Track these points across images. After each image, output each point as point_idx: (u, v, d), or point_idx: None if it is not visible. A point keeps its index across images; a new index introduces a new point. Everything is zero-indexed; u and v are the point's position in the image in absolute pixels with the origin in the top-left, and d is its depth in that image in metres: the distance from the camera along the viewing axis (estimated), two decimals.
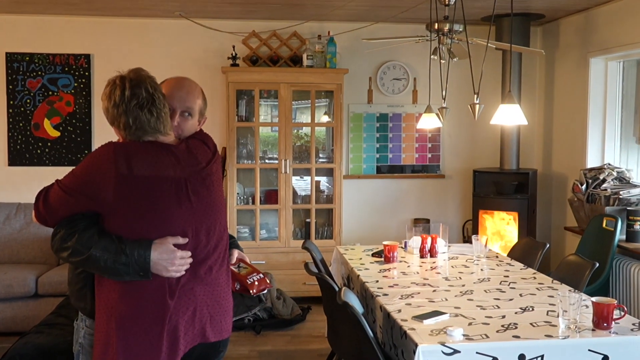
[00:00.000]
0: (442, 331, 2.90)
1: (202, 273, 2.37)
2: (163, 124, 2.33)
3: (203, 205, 2.39)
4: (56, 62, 6.32)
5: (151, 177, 2.25)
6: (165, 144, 2.35)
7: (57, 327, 4.16)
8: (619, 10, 5.52)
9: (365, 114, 6.78)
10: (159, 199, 2.27)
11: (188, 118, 2.51)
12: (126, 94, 2.25)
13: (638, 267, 4.92)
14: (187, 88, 2.54)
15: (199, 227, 2.37)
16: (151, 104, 2.28)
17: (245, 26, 6.38)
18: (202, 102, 2.57)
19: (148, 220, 2.27)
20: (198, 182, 2.38)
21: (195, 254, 2.36)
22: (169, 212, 2.29)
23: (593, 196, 5.47)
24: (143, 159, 2.27)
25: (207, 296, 2.39)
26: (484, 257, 4.50)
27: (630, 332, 2.92)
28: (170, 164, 2.32)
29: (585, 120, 5.96)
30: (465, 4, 4.23)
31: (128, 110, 2.26)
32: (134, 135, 2.30)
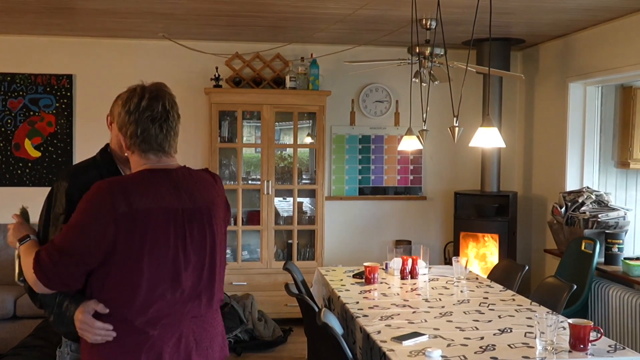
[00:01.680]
0: (421, 352, 2.91)
1: (187, 310, 2.22)
2: (169, 143, 2.25)
3: (199, 242, 2.23)
4: (38, 82, 6.31)
5: (151, 209, 2.12)
6: (163, 169, 2.24)
7: (35, 349, 4.13)
8: (597, 37, 5.62)
9: (347, 136, 6.82)
10: (157, 233, 2.13)
11: None
12: (142, 104, 2.19)
13: (616, 290, 4.97)
14: None
15: (194, 264, 2.21)
16: (163, 120, 2.22)
17: (229, 48, 6.42)
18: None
19: (145, 259, 2.11)
20: (196, 215, 2.23)
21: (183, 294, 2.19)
22: (165, 249, 2.15)
23: (572, 219, 5.52)
24: (142, 189, 2.15)
25: (194, 324, 2.25)
26: (464, 279, 4.52)
27: (607, 353, 2.94)
28: (167, 192, 2.19)
29: (565, 144, 6.03)
30: (445, 28, 4.30)
31: (139, 120, 2.19)
32: (136, 146, 2.22)
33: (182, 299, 2.19)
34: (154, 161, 2.24)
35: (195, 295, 2.23)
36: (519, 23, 5.58)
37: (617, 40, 5.33)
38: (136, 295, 2.11)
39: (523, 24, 5.63)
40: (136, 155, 2.24)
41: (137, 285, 2.11)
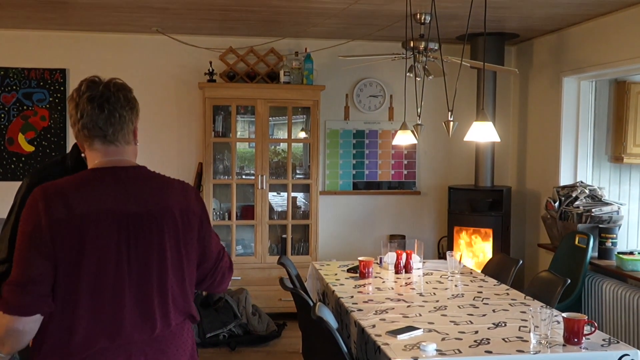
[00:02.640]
0: (416, 346, 2.92)
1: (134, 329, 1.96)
2: (115, 129, 2.02)
3: (144, 253, 1.98)
4: (31, 76, 6.28)
5: (92, 213, 1.91)
6: (111, 167, 2.02)
7: None
8: (590, 31, 5.62)
9: (341, 131, 6.82)
10: (98, 240, 1.91)
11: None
12: (82, 88, 2.03)
13: (609, 284, 4.99)
14: None
15: (139, 277, 1.97)
16: (104, 100, 2.00)
17: (223, 42, 6.40)
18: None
19: (83, 270, 1.89)
20: (144, 221, 1.98)
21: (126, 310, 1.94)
22: (106, 258, 1.92)
23: (566, 214, 5.54)
24: (83, 192, 1.94)
25: (147, 346, 1.99)
26: (458, 273, 4.53)
27: (601, 347, 2.95)
28: (112, 194, 1.97)
29: (559, 138, 6.04)
30: (440, 22, 4.29)
31: (79, 104, 2.00)
32: (81, 135, 2.03)
33: (127, 317, 1.94)
34: (102, 152, 2.03)
35: (143, 313, 1.96)
36: (513, 18, 5.58)
37: (610, 35, 5.34)
38: (77, 309, 1.89)
39: (517, 19, 5.64)
40: (86, 149, 2.06)
41: (77, 299, 1.89)
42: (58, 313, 1.90)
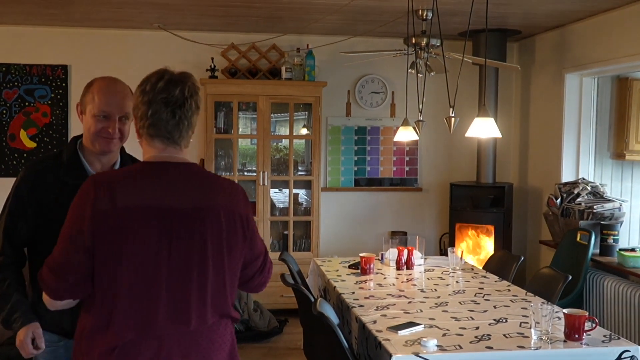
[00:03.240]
0: (417, 342, 2.92)
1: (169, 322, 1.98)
2: (181, 134, 2.06)
3: (186, 249, 1.99)
4: (33, 73, 6.28)
5: (136, 207, 1.94)
6: (163, 162, 2.05)
7: None
8: (592, 28, 5.61)
9: (343, 127, 6.81)
10: (139, 235, 1.94)
11: (126, 123, 2.50)
12: (159, 85, 2.02)
13: (611, 281, 4.99)
14: (122, 93, 2.50)
15: (179, 272, 1.98)
16: (178, 106, 2.03)
17: (225, 38, 6.40)
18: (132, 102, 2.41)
19: (124, 262, 1.93)
20: (187, 218, 1.99)
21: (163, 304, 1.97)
22: (146, 253, 1.95)
23: (567, 210, 5.53)
24: (131, 185, 1.98)
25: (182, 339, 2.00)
26: (460, 270, 4.53)
27: (601, 343, 2.96)
28: (159, 189, 1.99)
29: (560, 135, 6.03)
30: (442, 19, 4.29)
31: (152, 101, 2.01)
32: (144, 130, 2.03)
33: (161, 312, 1.96)
34: (160, 149, 2.05)
35: (179, 309, 1.98)
36: (515, 14, 5.57)
37: (613, 31, 5.33)
38: (115, 299, 1.94)
39: (519, 15, 5.62)
40: (144, 142, 2.07)
41: (115, 291, 1.93)
42: (98, 303, 1.96)
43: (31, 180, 2.50)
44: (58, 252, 1.99)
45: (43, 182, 2.48)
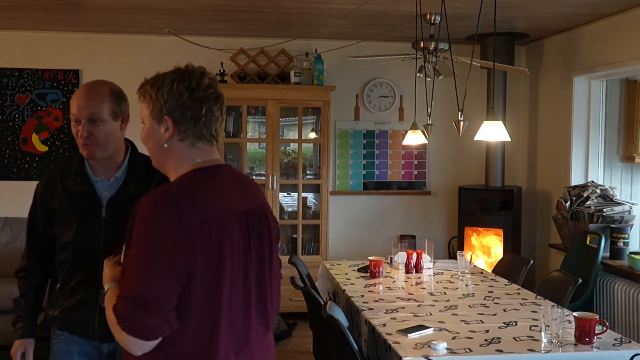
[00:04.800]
0: (426, 345, 2.93)
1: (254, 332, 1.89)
2: (220, 133, 1.94)
3: (260, 251, 1.91)
4: (45, 77, 6.33)
5: (222, 216, 1.79)
6: (218, 165, 1.91)
7: (41, 340, 4.14)
8: (601, 30, 5.61)
9: (352, 131, 6.83)
10: (231, 245, 1.80)
11: (99, 124, 2.39)
12: (205, 81, 1.89)
13: (621, 284, 4.97)
14: (89, 94, 2.41)
15: (257, 277, 1.90)
16: (222, 103, 1.93)
17: (234, 43, 6.43)
18: (112, 104, 2.42)
19: (223, 279, 1.77)
20: (257, 218, 1.92)
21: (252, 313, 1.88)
22: (239, 263, 1.83)
23: (577, 213, 5.53)
24: (210, 194, 1.81)
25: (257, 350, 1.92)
26: (469, 273, 4.53)
27: (612, 346, 2.96)
28: (227, 191, 1.87)
29: (569, 138, 6.03)
30: (450, 22, 4.30)
31: (204, 98, 1.86)
32: (192, 131, 1.86)
33: (253, 325, 1.87)
34: (205, 152, 1.90)
35: (262, 316, 1.91)
36: (522, 17, 5.58)
37: (621, 34, 5.33)
38: (218, 322, 1.76)
39: (527, 19, 5.63)
40: (182, 146, 1.87)
41: (216, 312, 1.76)
42: (190, 330, 1.73)
43: (42, 186, 2.56)
44: (142, 281, 1.68)
45: (53, 188, 2.52)
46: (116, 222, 2.37)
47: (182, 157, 1.88)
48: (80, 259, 2.45)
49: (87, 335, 2.50)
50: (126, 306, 1.68)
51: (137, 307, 1.67)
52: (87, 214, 2.45)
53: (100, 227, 2.44)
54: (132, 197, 2.37)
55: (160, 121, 1.87)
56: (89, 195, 2.47)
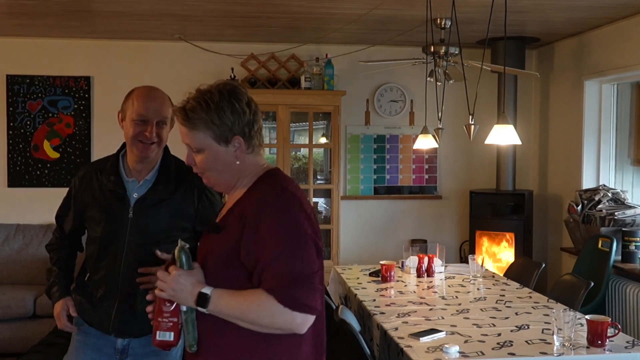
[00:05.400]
0: (439, 348, 2.93)
1: None
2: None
3: None
4: (56, 84, 6.38)
5: (312, 209, 2.01)
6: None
7: (55, 346, 4.17)
8: (611, 34, 5.60)
9: (362, 136, 6.84)
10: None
11: (164, 128, 2.58)
12: (250, 97, 2.02)
13: (633, 288, 4.95)
14: (160, 99, 2.58)
15: None
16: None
17: (244, 49, 6.46)
18: (171, 110, 2.56)
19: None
20: None
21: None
22: None
23: (588, 217, 5.51)
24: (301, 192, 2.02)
25: None
26: (481, 277, 4.53)
27: (625, 349, 2.95)
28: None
29: (581, 142, 6.02)
30: (460, 27, 4.31)
31: (257, 109, 2.01)
32: (258, 141, 2.02)
33: None
34: (262, 157, 2.09)
35: None
36: (533, 21, 5.58)
37: (631, 38, 5.32)
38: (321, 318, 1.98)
39: (537, 23, 5.63)
40: (252, 154, 2.02)
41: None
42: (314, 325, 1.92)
43: (79, 179, 2.71)
44: (308, 260, 1.87)
45: (88, 184, 2.66)
46: (141, 222, 2.55)
47: (251, 167, 2.01)
48: (106, 254, 2.59)
49: (103, 329, 2.62)
50: (296, 286, 1.82)
51: (307, 284, 1.83)
52: (115, 212, 2.57)
53: (126, 226, 2.56)
54: (159, 200, 2.56)
55: (228, 142, 1.96)
56: (119, 194, 2.59)
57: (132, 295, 2.56)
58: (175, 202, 2.59)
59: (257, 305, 1.83)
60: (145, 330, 2.56)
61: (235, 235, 1.89)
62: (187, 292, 1.88)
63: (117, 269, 2.56)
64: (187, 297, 1.89)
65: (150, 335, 2.31)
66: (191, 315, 1.93)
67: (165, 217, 2.57)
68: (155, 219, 2.56)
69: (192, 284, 1.89)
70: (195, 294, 1.88)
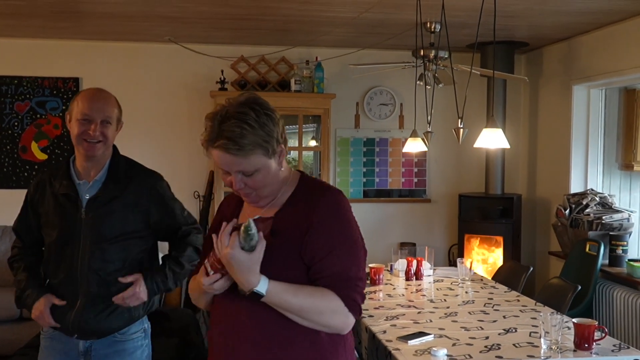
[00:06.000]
0: (427, 351, 2.94)
1: None
2: None
3: None
4: (45, 85, 6.35)
5: None
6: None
7: None
8: (600, 39, 5.64)
9: (352, 139, 6.84)
10: None
11: (109, 127, 2.61)
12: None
13: (621, 291, 4.98)
14: (104, 99, 2.64)
15: None
16: None
17: (234, 51, 6.45)
18: (118, 111, 2.66)
19: None
20: None
21: None
22: None
23: (576, 221, 5.54)
24: None
25: None
26: (469, 280, 4.54)
27: (611, 352, 2.97)
28: None
29: (569, 146, 6.05)
30: (450, 31, 4.32)
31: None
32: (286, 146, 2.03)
33: None
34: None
35: None
36: (522, 26, 5.61)
37: (620, 43, 5.35)
38: None
39: (527, 27, 5.66)
40: (284, 161, 2.03)
41: None
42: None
43: (33, 188, 2.76)
44: (363, 268, 1.96)
45: (42, 191, 2.70)
46: (95, 222, 2.58)
47: (286, 170, 2.04)
48: (62, 257, 2.61)
49: (66, 331, 2.64)
50: (355, 289, 1.90)
51: (361, 287, 1.92)
52: (69, 214, 2.61)
53: (80, 227, 2.59)
54: (111, 198, 2.60)
55: (274, 153, 1.93)
56: (71, 197, 2.62)
57: (92, 295, 2.58)
58: (127, 199, 2.62)
59: (323, 305, 1.87)
60: (107, 331, 2.61)
61: (297, 237, 1.89)
62: (238, 277, 1.84)
63: (75, 271, 2.58)
64: (238, 279, 1.85)
65: (111, 337, 2.59)
66: None
67: (118, 214, 2.61)
68: (109, 217, 2.60)
69: (242, 272, 1.83)
70: (247, 286, 1.83)
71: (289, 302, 1.85)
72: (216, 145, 1.85)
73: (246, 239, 1.81)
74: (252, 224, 1.81)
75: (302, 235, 1.89)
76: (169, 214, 2.74)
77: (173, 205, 2.76)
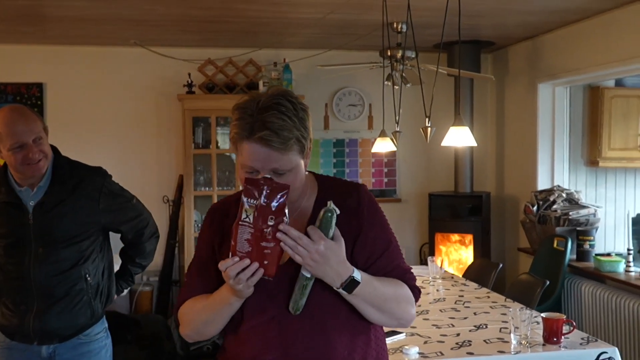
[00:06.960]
0: (398, 350, 2.95)
1: None
2: None
3: None
4: (7, 91, 6.23)
5: None
6: None
7: None
8: (563, 38, 5.72)
9: (321, 140, 6.85)
10: None
11: (42, 142, 2.57)
12: None
13: (588, 285, 5.06)
14: (24, 117, 2.55)
15: None
16: None
17: (201, 54, 6.42)
18: (40, 121, 2.62)
19: None
20: None
21: None
22: None
23: (544, 217, 5.61)
24: None
25: None
26: (440, 278, 4.57)
27: (579, 346, 3.01)
28: None
29: (535, 143, 6.12)
30: (416, 31, 4.34)
31: None
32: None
33: None
34: None
35: None
36: (488, 25, 5.67)
37: (583, 41, 5.43)
38: None
39: (492, 27, 5.72)
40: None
41: None
42: None
43: None
44: (404, 259, 1.97)
45: None
46: (44, 227, 2.54)
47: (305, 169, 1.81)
48: (14, 265, 2.56)
49: (25, 339, 2.58)
50: (415, 280, 1.90)
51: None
52: (15, 222, 2.56)
53: (29, 233, 2.54)
54: (59, 202, 2.56)
55: (304, 150, 1.75)
56: (15, 204, 2.56)
57: (48, 298, 2.55)
58: (75, 200, 2.59)
59: (401, 293, 1.81)
60: (72, 330, 2.57)
61: (348, 240, 1.72)
62: (332, 270, 1.64)
63: (28, 277, 2.54)
64: (330, 274, 1.64)
65: (75, 339, 2.58)
66: (310, 282, 1.66)
67: (68, 217, 2.57)
68: (58, 220, 2.56)
69: (338, 262, 1.64)
70: (343, 276, 1.65)
71: (378, 289, 1.72)
72: (256, 137, 1.62)
73: (327, 226, 1.65)
74: (333, 205, 1.65)
75: (353, 237, 1.77)
76: (122, 209, 2.75)
77: (123, 199, 2.76)
